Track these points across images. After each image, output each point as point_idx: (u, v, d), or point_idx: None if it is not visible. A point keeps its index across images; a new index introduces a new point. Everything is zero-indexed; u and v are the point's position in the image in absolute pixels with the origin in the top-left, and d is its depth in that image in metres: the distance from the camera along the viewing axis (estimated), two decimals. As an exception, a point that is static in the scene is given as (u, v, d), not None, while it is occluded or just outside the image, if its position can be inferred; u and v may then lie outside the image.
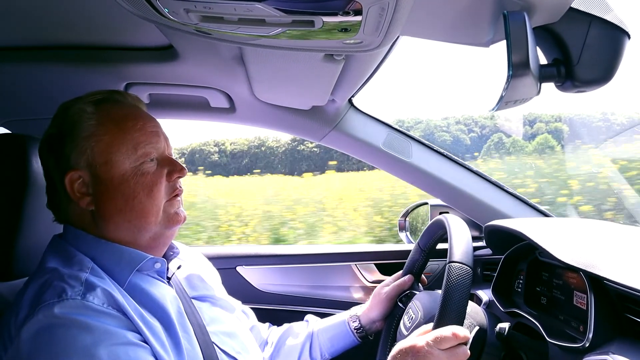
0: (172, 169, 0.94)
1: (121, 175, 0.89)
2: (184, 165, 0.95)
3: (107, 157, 0.89)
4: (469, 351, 0.85)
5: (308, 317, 1.32)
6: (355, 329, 1.23)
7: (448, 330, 0.84)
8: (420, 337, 0.86)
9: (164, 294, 0.91)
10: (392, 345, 0.90)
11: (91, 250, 0.88)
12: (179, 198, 0.96)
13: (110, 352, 0.74)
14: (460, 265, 0.89)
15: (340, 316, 1.27)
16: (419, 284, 1.29)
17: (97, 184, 0.89)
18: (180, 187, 0.97)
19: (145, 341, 0.81)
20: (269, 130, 1.54)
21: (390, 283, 1.27)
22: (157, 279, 0.93)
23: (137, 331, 0.80)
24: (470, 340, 0.87)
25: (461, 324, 0.86)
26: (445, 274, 0.89)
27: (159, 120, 1.00)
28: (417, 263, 1.28)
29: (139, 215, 0.90)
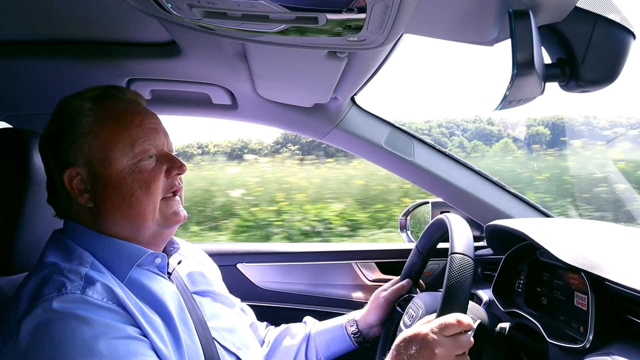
0: (171, 165, 0.93)
1: (119, 172, 0.89)
2: (183, 162, 0.95)
3: (105, 153, 0.89)
4: (472, 339, 0.85)
5: (306, 318, 1.32)
6: (352, 334, 1.22)
7: (452, 318, 0.84)
8: (424, 325, 0.86)
9: (164, 289, 0.91)
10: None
11: (91, 245, 0.89)
12: (176, 197, 0.96)
13: (109, 345, 0.74)
14: (462, 256, 0.89)
15: (338, 320, 1.27)
16: (417, 288, 1.28)
17: (95, 181, 0.89)
18: (180, 184, 0.96)
19: (145, 335, 0.81)
20: (271, 127, 1.54)
21: (389, 287, 1.27)
22: (157, 274, 0.94)
23: (137, 325, 0.80)
24: (474, 330, 0.86)
25: (464, 312, 0.86)
26: (448, 265, 0.89)
27: (161, 116, 0.99)
28: (416, 266, 1.27)
29: (137, 213, 0.90)
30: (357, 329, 1.23)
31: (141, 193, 0.89)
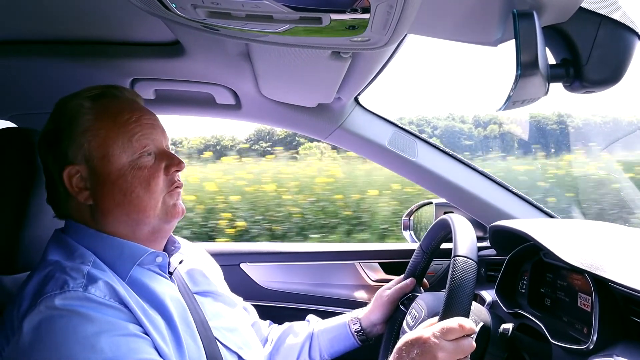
0: (169, 162, 0.94)
1: (119, 169, 0.90)
2: (182, 160, 0.96)
3: (104, 151, 0.89)
4: (474, 343, 0.85)
5: (309, 317, 1.32)
6: (355, 332, 1.23)
7: (454, 322, 0.84)
8: (427, 328, 0.86)
9: (165, 288, 0.91)
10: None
11: (92, 243, 0.89)
12: (179, 190, 0.97)
13: (112, 342, 0.75)
14: (466, 259, 0.89)
15: (341, 318, 1.27)
16: (421, 287, 1.28)
17: (95, 179, 0.90)
18: (179, 180, 0.97)
19: (147, 334, 0.81)
20: (275, 127, 1.54)
21: (392, 286, 1.27)
22: (158, 274, 0.94)
23: (139, 324, 0.81)
24: (476, 334, 0.86)
25: (467, 316, 0.86)
26: (451, 268, 0.89)
27: (165, 116, 1.00)
28: (420, 266, 1.27)
29: (137, 209, 0.91)
30: (360, 327, 1.23)
31: (141, 190, 0.90)
